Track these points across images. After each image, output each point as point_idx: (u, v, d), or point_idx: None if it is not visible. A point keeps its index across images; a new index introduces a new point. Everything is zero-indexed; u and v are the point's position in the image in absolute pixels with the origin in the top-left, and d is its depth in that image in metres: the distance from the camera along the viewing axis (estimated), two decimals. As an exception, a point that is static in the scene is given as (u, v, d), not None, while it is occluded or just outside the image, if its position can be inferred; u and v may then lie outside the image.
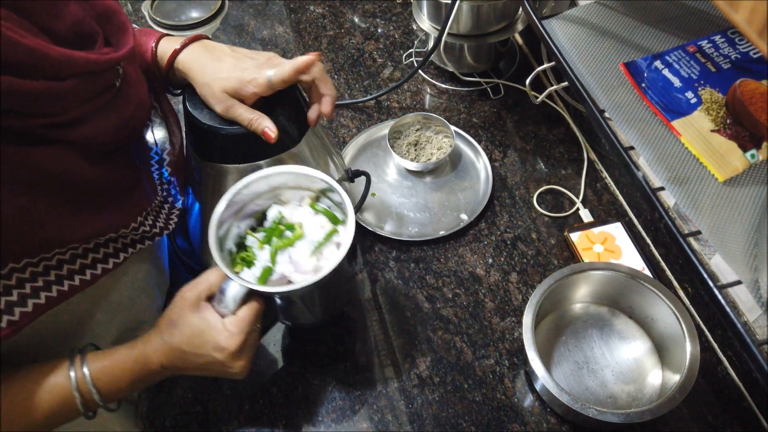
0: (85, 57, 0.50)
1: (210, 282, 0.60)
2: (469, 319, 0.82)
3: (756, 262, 0.52)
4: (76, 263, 0.57)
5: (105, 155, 0.58)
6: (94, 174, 0.56)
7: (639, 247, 0.85)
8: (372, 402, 0.75)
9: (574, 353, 0.77)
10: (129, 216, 0.62)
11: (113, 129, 0.57)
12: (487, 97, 1.08)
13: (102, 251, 0.61)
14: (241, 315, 0.59)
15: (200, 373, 0.61)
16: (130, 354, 0.59)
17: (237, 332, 0.58)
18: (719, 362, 0.76)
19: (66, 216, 0.53)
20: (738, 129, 0.59)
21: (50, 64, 0.47)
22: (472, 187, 0.96)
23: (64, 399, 0.56)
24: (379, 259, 0.88)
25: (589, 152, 0.98)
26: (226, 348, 0.58)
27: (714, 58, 0.64)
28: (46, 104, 0.48)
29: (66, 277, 0.56)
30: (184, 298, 0.60)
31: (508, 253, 0.88)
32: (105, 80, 0.55)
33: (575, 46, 0.70)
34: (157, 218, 0.68)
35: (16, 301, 0.52)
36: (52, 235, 0.53)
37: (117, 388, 0.58)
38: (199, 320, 0.58)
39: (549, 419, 0.73)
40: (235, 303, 0.59)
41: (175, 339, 0.58)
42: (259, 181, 0.64)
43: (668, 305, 0.71)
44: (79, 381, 0.56)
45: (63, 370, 0.56)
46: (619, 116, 0.63)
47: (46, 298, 0.54)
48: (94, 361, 0.57)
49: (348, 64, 1.16)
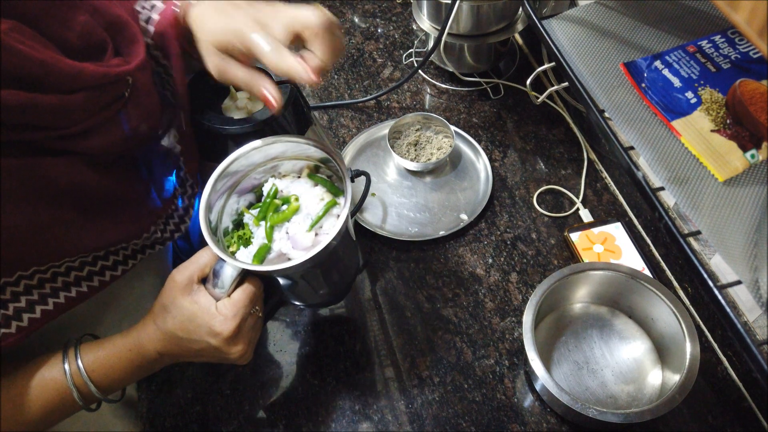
0: (95, 70, 0.49)
1: (201, 263, 0.57)
2: (469, 319, 0.82)
3: (756, 262, 0.52)
4: (84, 270, 0.57)
5: (115, 165, 0.58)
6: (104, 184, 0.55)
7: (639, 247, 0.85)
8: (372, 402, 0.75)
9: (574, 353, 0.77)
10: (142, 226, 0.61)
11: (121, 140, 0.56)
12: (487, 97, 1.08)
13: (112, 258, 0.61)
14: (235, 297, 0.56)
15: (200, 359, 0.59)
16: (124, 343, 0.57)
17: (231, 316, 0.55)
18: (719, 362, 0.76)
19: (76, 226, 0.53)
20: (738, 129, 0.59)
21: (60, 78, 0.47)
22: (472, 187, 0.96)
23: (60, 393, 0.55)
24: (379, 259, 0.88)
25: (589, 152, 0.98)
26: (221, 333, 0.55)
27: (714, 58, 0.64)
28: (54, 118, 0.48)
29: (74, 284, 0.56)
30: (174, 281, 0.56)
31: (508, 253, 0.88)
32: (114, 91, 0.54)
33: (575, 46, 0.70)
34: (168, 222, 0.67)
35: (24, 307, 0.52)
36: (62, 245, 0.53)
37: (114, 379, 0.57)
38: (191, 304, 0.55)
39: (549, 419, 0.73)
40: (229, 285, 0.56)
41: (168, 324, 0.56)
42: (253, 152, 0.60)
43: (668, 305, 0.71)
44: (73, 374, 0.55)
45: (57, 364, 0.55)
46: (619, 116, 0.63)
47: (54, 305, 0.54)
48: (87, 353, 0.56)
49: (348, 64, 1.16)
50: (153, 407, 0.77)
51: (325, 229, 0.59)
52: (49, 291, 0.54)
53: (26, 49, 0.44)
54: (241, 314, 0.56)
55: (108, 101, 0.53)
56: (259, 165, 0.62)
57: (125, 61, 0.54)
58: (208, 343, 0.56)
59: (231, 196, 0.62)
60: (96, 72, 0.49)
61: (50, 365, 0.56)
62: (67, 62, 0.47)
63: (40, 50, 0.45)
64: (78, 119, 0.50)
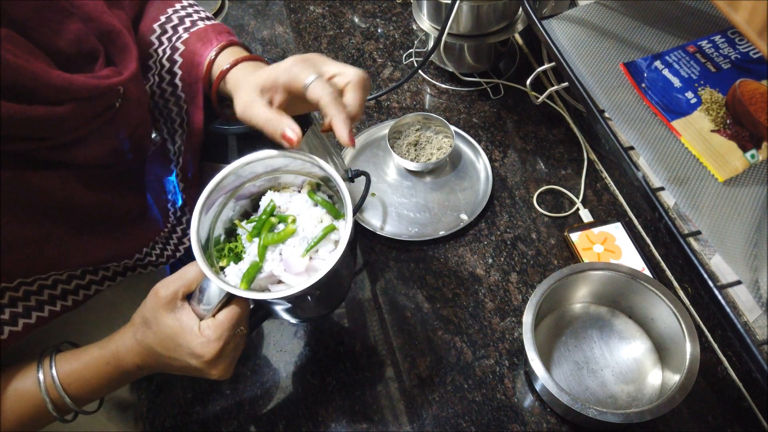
0: (86, 82, 0.49)
1: (188, 279, 0.54)
2: (469, 319, 0.82)
3: (756, 262, 0.52)
4: (71, 284, 0.56)
5: (110, 181, 0.57)
6: (97, 200, 0.55)
7: (639, 247, 0.85)
8: (372, 402, 0.75)
9: (574, 353, 0.77)
10: (133, 247, 0.61)
11: (109, 150, 0.55)
12: (487, 97, 1.08)
13: (101, 274, 0.60)
14: (220, 319, 0.53)
15: (179, 373, 0.57)
16: (101, 355, 0.55)
17: (215, 338, 0.52)
18: (719, 362, 0.76)
19: (66, 242, 0.53)
20: (738, 129, 0.59)
21: (51, 90, 0.46)
22: (472, 187, 0.96)
23: (34, 404, 0.54)
24: (379, 259, 0.88)
25: (589, 152, 0.98)
26: (202, 356, 0.52)
27: (714, 59, 0.64)
28: (44, 129, 0.47)
29: (59, 297, 0.56)
30: (158, 295, 0.53)
31: (508, 253, 0.88)
32: (105, 102, 0.53)
33: (575, 46, 0.70)
34: (166, 246, 0.67)
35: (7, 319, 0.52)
36: (50, 260, 0.53)
37: (89, 391, 0.55)
38: (173, 321, 0.53)
39: (549, 419, 0.73)
40: (215, 304, 0.53)
41: (148, 339, 0.54)
42: (255, 163, 0.58)
43: (668, 305, 0.71)
44: (48, 385, 0.53)
45: (32, 374, 0.54)
46: (619, 116, 0.63)
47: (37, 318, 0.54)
48: (63, 365, 0.54)
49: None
50: (153, 407, 0.77)
51: (321, 254, 0.57)
52: (34, 304, 0.53)
53: (17, 60, 0.43)
54: (225, 337, 0.53)
55: (98, 111, 0.52)
56: (260, 175, 0.60)
57: (117, 71, 0.53)
58: (188, 363, 0.54)
59: (228, 202, 0.60)
60: (86, 84, 0.49)
61: (25, 376, 0.54)
62: (57, 74, 0.46)
63: (30, 61, 0.45)
64: (68, 129, 0.49)
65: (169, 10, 0.64)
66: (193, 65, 0.61)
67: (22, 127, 0.46)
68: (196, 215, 0.55)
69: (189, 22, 0.63)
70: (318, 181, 0.62)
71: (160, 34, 0.63)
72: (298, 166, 0.60)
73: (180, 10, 0.65)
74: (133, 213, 0.61)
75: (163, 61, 0.62)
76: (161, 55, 0.62)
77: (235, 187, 0.59)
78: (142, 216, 0.63)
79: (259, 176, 0.60)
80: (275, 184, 0.62)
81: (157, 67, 0.63)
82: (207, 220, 0.57)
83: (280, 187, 0.62)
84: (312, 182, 0.62)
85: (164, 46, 0.62)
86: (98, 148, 0.54)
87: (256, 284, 0.56)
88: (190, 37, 0.61)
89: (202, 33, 0.62)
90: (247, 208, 0.62)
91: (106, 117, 0.53)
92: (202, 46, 0.61)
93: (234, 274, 0.56)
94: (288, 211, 0.60)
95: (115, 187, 0.58)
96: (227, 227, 0.60)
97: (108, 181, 0.57)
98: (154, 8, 0.65)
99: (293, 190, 0.62)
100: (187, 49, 0.61)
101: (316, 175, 0.61)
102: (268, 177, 0.61)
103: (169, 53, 0.62)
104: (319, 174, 0.60)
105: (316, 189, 0.62)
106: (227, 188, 0.58)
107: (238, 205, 0.61)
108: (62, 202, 0.51)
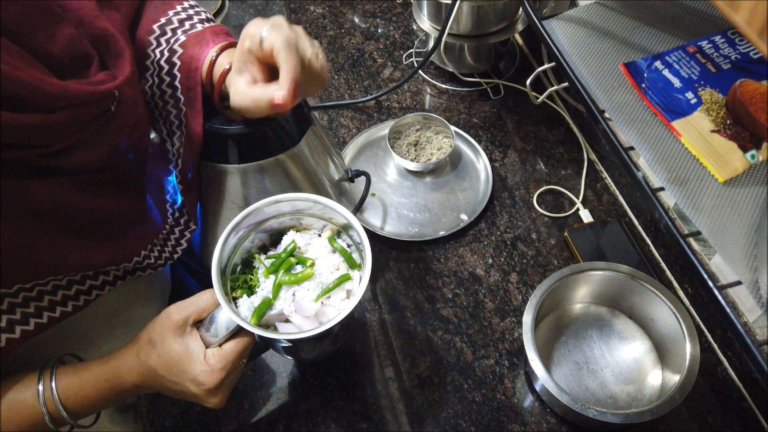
0: (81, 89, 0.48)
1: (201, 306, 0.55)
2: (469, 319, 0.82)
3: (756, 263, 0.52)
4: (72, 289, 0.56)
5: (108, 185, 0.57)
6: (94, 205, 0.55)
7: (639, 247, 0.85)
8: (372, 402, 0.75)
9: (574, 353, 0.77)
10: (132, 250, 0.61)
11: (107, 152, 0.55)
12: (487, 97, 1.08)
13: (101, 278, 0.60)
14: (227, 350, 0.54)
15: (175, 396, 0.58)
16: (102, 372, 0.56)
17: (219, 368, 0.53)
18: (719, 362, 0.76)
19: (63, 248, 0.53)
20: (738, 129, 0.59)
21: (46, 98, 0.46)
22: (472, 188, 0.96)
23: (32, 415, 0.54)
24: (379, 259, 0.88)
25: (589, 152, 0.98)
26: (204, 384, 0.53)
27: (714, 59, 0.64)
28: (39, 136, 0.47)
29: (59, 303, 0.56)
30: (170, 318, 0.55)
31: (508, 254, 0.88)
32: (100, 107, 0.52)
33: (575, 46, 0.70)
34: (164, 248, 0.67)
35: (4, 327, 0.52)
36: (48, 266, 0.53)
37: (87, 406, 0.56)
38: (180, 346, 0.54)
39: (549, 419, 0.73)
40: (223, 335, 0.54)
41: (152, 360, 0.54)
42: (282, 203, 0.60)
43: (668, 305, 0.71)
44: (46, 398, 0.54)
45: (32, 385, 0.54)
46: (619, 116, 0.63)
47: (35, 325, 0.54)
48: (63, 378, 0.55)
49: (348, 65, 1.16)
50: (153, 407, 0.77)
51: (332, 300, 0.58)
52: (33, 310, 0.53)
53: (10, 69, 0.43)
54: (228, 368, 0.54)
55: (94, 116, 0.52)
56: (285, 214, 0.62)
57: (112, 75, 0.53)
58: (188, 389, 0.54)
59: (249, 235, 0.61)
60: (82, 91, 0.48)
61: (25, 386, 0.54)
62: (51, 82, 0.46)
63: (24, 70, 0.44)
64: (64, 136, 0.49)
65: (169, 12, 0.64)
66: (191, 69, 0.61)
67: (18, 135, 0.45)
68: (218, 246, 0.57)
69: (188, 25, 0.63)
70: (339, 228, 0.63)
71: (159, 35, 0.62)
72: (319, 210, 0.62)
73: (180, 12, 0.65)
74: (132, 215, 0.61)
75: (161, 62, 0.62)
76: (159, 56, 0.62)
77: (258, 222, 0.61)
78: (142, 218, 0.63)
79: (283, 215, 0.62)
80: (297, 224, 0.64)
81: (155, 68, 0.63)
82: (227, 249, 0.59)
83: (301, 227, 0.64)
84: (334, 228, 0.63)
85: (162, 47, 0.62)
86: (95, 152, 0.54)
87: (264, 320, 0.57)
88: (187, 40, 0.61)
89: (200, 36, 0.62)
90: (265, 241, 0.64)
91: (101, 121, 0.53)
92: (199, 49, 0.61)
93: (246, 306, 0.57)
94: (307, 253, 0.61)
95: (113, 190, 0.58)
96: (244, 258, 0.62)
97: (106, 185, 0.57)
98: (154, 8, 0.65)
99: (314, 232, 0.64)
100: (185, 52, 0.61)
101: (337, 222, 0.63)
102: (291, 216, 0.63)
103: (167, 55, 0.62)
104: (341, 222, 0.62)
105: (336, 235, 0.63)
106: (251, 222, 0.60)
107: (257, 237, 0.63)
108: (59, 208, 0.51)
